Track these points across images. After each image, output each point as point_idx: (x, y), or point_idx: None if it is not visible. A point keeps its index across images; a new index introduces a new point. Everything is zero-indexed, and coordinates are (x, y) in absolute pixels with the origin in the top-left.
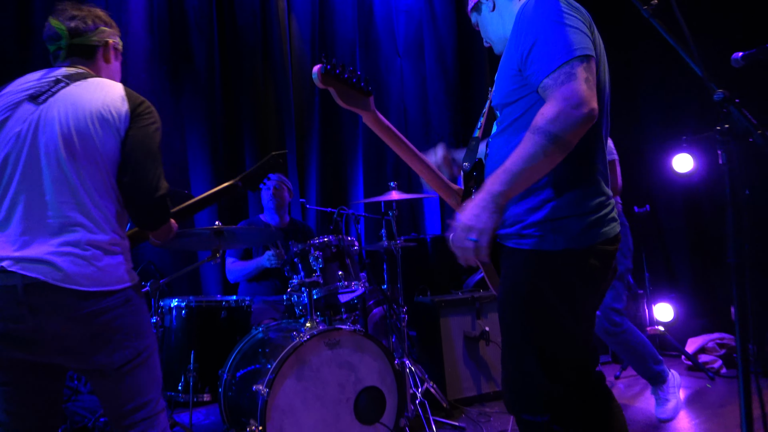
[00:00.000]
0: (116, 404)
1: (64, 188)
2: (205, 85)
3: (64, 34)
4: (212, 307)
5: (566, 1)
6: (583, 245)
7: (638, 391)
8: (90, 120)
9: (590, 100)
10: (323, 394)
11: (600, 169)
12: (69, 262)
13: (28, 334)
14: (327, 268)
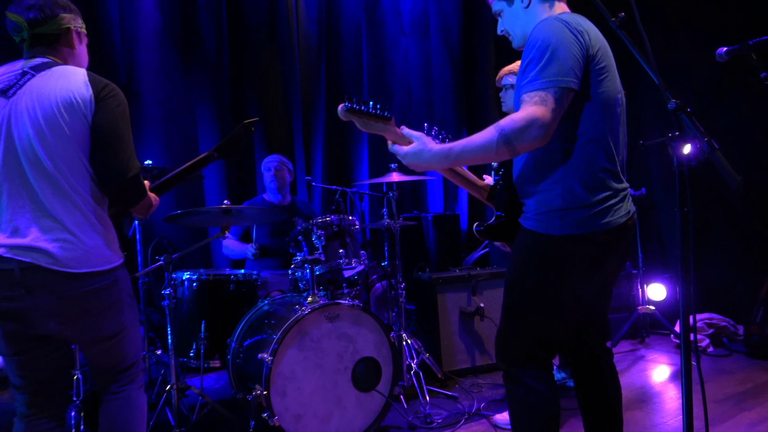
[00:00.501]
0: (105, 367)
1: (42, 178)
2: (213, 63)
3: (24, 25)
4: (222, 280)
5: (569, 25)
6: (584, 231)
7: (626, 366)
8: (56, 109)
9: (547, 127)
10: (323, 363)
11: (606, 167)
12: (58, 248)
13: (26, 312)
14: (329, 246)
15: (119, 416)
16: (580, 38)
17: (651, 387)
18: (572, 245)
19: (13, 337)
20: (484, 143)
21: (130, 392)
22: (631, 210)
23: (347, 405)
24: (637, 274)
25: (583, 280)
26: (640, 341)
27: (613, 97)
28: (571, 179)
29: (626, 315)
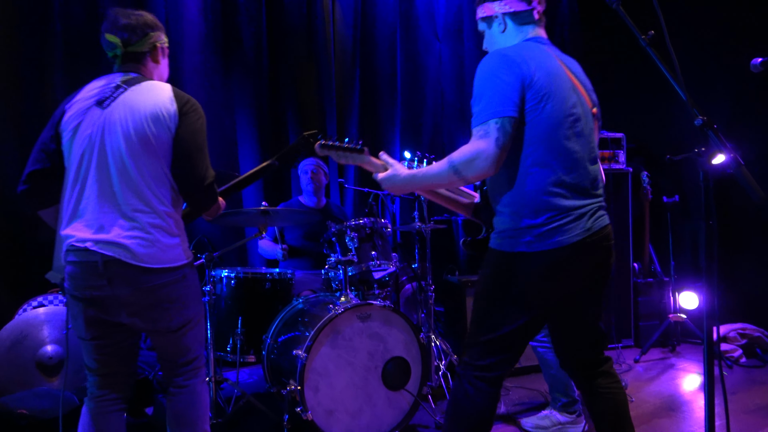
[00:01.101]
0: (171, 358)
1: (128, 181)
2: (253, 66)
3: (118, 44)
4: (258, 278)
5: (507, 57)
6: (534, 250)
7: (655, 374)
8: (145, 121)
9: (493, 157)
10: (354, 361)
11: (553, 190)
12: (136, 245)
13: (106, 300)
14: (361, 247)
15: (185, 408)
16: (517, 69)
17: (680, 396)
18: (522, 261)
19: (93, 323)
20: (438, 173)
21: (194, 386)
22: (592, 227)
23: (377, 402)
24: (668, 281)
25: (536, 296)
26: (671, 350)
27: (559, 122)
28: (518, 202)
29: (657, 323)
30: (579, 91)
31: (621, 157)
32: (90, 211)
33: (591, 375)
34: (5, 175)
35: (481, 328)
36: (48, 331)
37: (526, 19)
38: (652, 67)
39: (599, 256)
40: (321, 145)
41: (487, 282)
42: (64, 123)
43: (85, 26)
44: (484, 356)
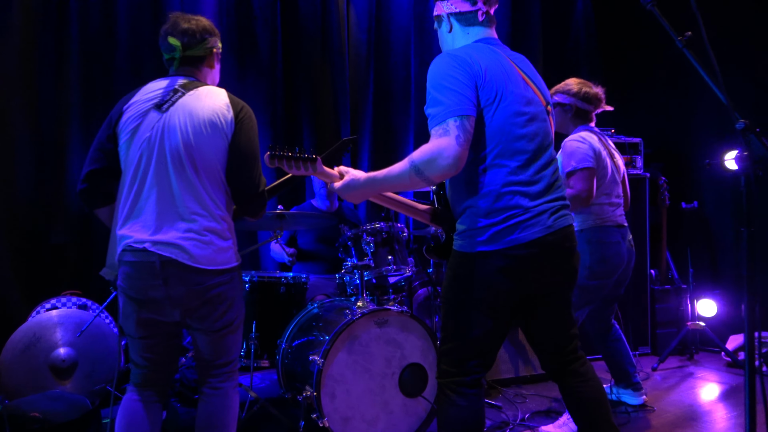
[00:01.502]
0: (208, 358)
1: (186, 185)
2: (267, 70)
3: (178, 48)
4: (272, 283)
5: (457, 57)
6: (492, 248)
7: (674, 383)
8: (203, 126)
9: (455, 155)
10: (371, 367)
11: (511, 189)
12: (192, 246)
13: (161, 301)
14: (377, 252)
15: (216, 411)
16: (468, 68)
17: (700, 406)
18: (482, 260)
19: (145, 323)
20: (399, 173)
21: (227, 390)
22: (553, 226)
23: (393, 409)
24: (686, 288)
25: (497, 296)
26: (689, 358)
27: (513, 120)
28: (476, 201)
29: (674, 330)
30: (531, 90)
31: (638, 163)
32: (148, 212)
33: (560, 374)
34: (19, 179)
35: (449, 334)
36: (61, 334)
37: (471, 20)
38: (669, 71)
39: (561, 256)
40: (270, 155)
41: (451, 286)
42: (122, 124)
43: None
44: (458, 363)
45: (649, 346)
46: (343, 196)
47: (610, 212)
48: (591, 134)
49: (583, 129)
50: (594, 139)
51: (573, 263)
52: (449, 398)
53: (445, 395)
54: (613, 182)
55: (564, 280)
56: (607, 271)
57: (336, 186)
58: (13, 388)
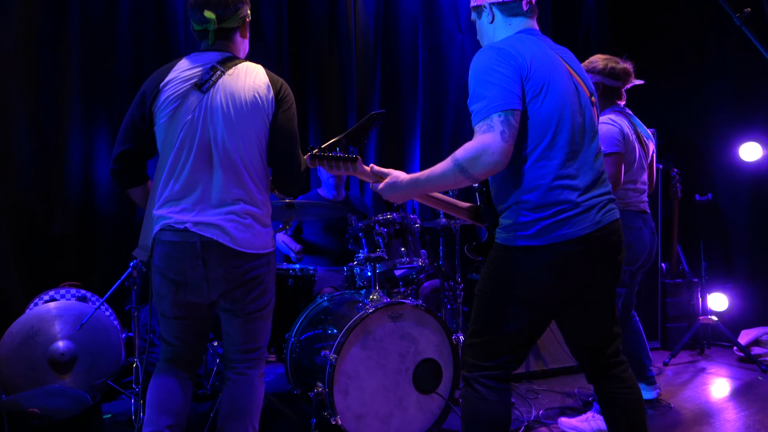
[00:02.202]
0: (237, 342)
1: (228, 168)
2: (274, 56)
3: (213, 21)
4: (280, 275)
5: (502, 50)
6: (539, 243)
7: (687, 378)
8: (246, 107)
9: (500, 151)
10: (385, 363)
11: (559, 184)
12: (234, 228)
13: (199, 281)
14: (390, 243)
15: (241, 397)
16: (513, 61)
17: (713, 402)
18: (527, 255)
19: (180, 304)
20: (442, 173)
21: (253, 377)
22: (602, 221)
23: (408, 406)
24: (698, 282)
25: (539, 292)
26: (700, 352)
27: (560, 113)
28: (524, 197)
29: (686, 325)
30: (576, 81)
31: None
32: (190, 194)
33: (600, 378)
34: (19, 168)
35: (484, 327)
36: (60, 327)
37: (514, 10)
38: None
39: (608, 252)
40: (311, 155)
41: (490, 279)
42: (161, 104)
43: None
44: (490, 357)
45: (659, 340)
46: (385, 196)
47: (635, 198)
48: (621, 117)
49: (613, 111)
50: (624, 123)
51: (619, 258)
52: (478, 392)
53: (473, 389)
54: (640, 168)
55: (610, 276)
56: (631, 256)
57: (379, 187)
58: (11, 382)
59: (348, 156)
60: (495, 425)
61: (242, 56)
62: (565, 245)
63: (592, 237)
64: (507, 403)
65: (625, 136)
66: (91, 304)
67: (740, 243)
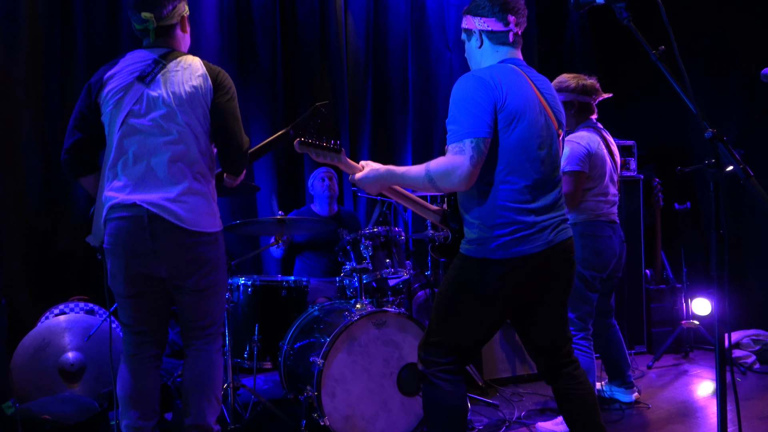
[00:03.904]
0: (192, 319)
1: (172, 153)
2: (268, 78)
3: (151, 20)
4: (274, 286)
5: (483, 80)
6: (496, 257)
7: (669, 380)
8: (186, 95)
9: (467, 174)
10: (370, 367)
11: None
12: (178, 208)
13: (148, 254)
14: (376, 255)
15: (201, 373)
16: (491, 92)
17: (693, 402)
18: (486, 266)
19: (133, 279)
20: (415, 176)
21: (211, 352)
22: (554, 240)
23: (392, 407)
24: (681, 288)
25: (496, 299)
26: (684, 356)
27: (526, 143)
28: (485, 215)
29: (669, 329)
30: (547, 114)
31: (632, 165)
32: (136, 177)
33: (554, 377)
34: (28, 187)
35: (442, 328)
36: (69, 339)
37: (501, 39)
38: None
39: (559, 267)
40: (300, 142)
41: (452, 284)
42: (106, 95)
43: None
44: (446, 354)
45: (644, 344)
46: (362, 185)
47: (606, 209)
48: (592, 133)
49: (586, 127)
50: (594, 139)
51: (569, 273)
52: (436, 386)
53: (431, 384)
54: (610, 181)
55: (561, 288)
56: (601, 263)
57: (357, 177)
58: (24, 391)
59: (332, 146)
60: (453, 413)
61: (184, 49)
62: (519, 260)
63: (545, 254)
64: (463, 392)
65: (591, 154)
66: (98, 316)
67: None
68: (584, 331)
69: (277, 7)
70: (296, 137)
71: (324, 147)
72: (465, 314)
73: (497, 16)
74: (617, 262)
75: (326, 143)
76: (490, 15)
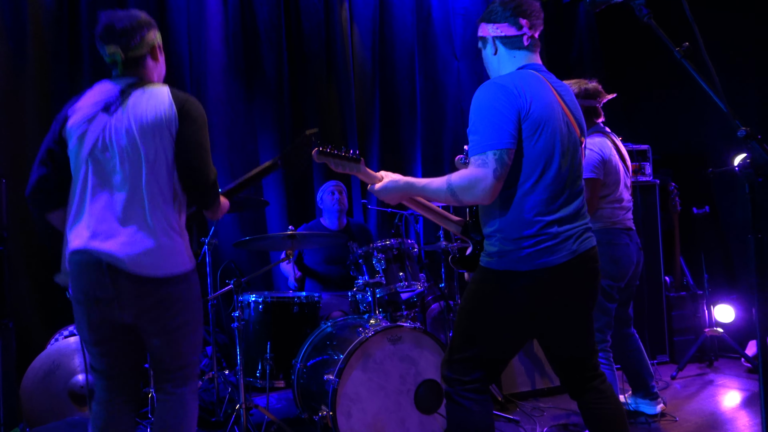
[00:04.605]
0: (162, 361)
1: (134, 189)
2: (274, 91)
3: (118, 54)
4: (286, 303)
5: (505, 88)
6: (521, 269)
7: (694, 391)
8: (149, 127)
9: (490, 187)
10: (386, 385)
11: (540, 219)
12: (139, 251)
13: (109, 300)
14: (389, 269)
15: (172, 417)
16: (514, 100)
17: (722, 413)
18: (509, 279)
19: (97, 326)
20: (436, 188)
21: (184, 395)
22: (578, 250)
23: (410, 427)
24: (702, 294)
25: (520, 311)
26: (708, 365)
27: (550, 153)
28: (507, 227)
29: (692, 338)
30: (570, 123)
31: (647, 169)
32: (96, 216)
33: (580, 391)
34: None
35: (466, 343)
36: (79, 361)
37: (516, 44)
38: (675, 77)
39: (584, 278)
40: (319, 151)
41: (474, 298)
42: (69, 129)
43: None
44: (470, 371)
45: (667, 354)
46: (381, 196)
47: (621, 216)
48: (603, 139)
49: (596, 133)
50: (606, 145)
51: (594, 283)
52: (462, 405)
53: (456, 403)
54: (623, 187)
55: (585, 298)
56: (618, 271)
57: (376, 187)
58: (34, 413)
59: (351, 156)
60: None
61: (157, 78)
62: (544, 272)
63: (569, 264)
64: (489, 411)
65: (605, 161)
66: None
67: (742, 253)
68: (603, 342)
69: (282, 20)
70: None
71: (343, 157)
72: (489, 329)
73: (509, 21)
74: (635, 270)
75: (345, 153)
76: (503, 20)
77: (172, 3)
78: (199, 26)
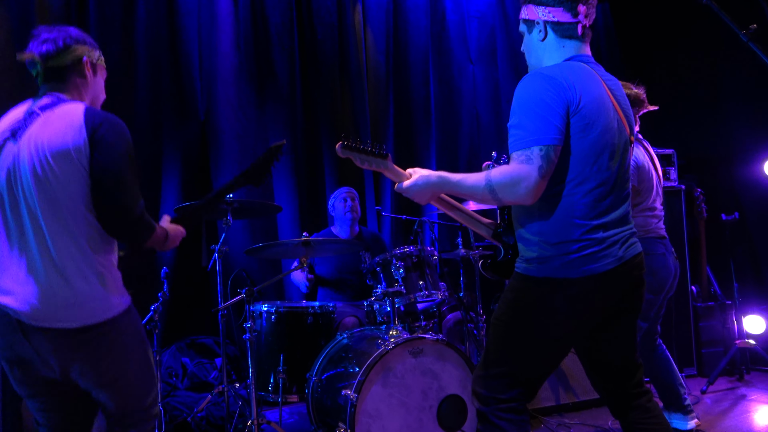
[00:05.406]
0: (108, 412)
1: (42, 230)
2: (286, 96)
3: (36, 60)
4: (299, 313)
5: (554, 80)
6: (562, 276)
7: (727, 406)
8: (53, 158)
9: (534, 186)
10: (407, 401)
11: (585, 222)
12: (55, 304)
13: (29, 357)
14: (408, 277)
15: None
16: (563, 93)
17: (759, 431)
18: (550, 287)
19: (24, 381)
20: (473, 185)
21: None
22: (624, 256)
23: None
24: (731, 305)
25: (562, 322)
26: (739, 378)
27: (599, 151)
28: (548, 231)
29: (721, 350)
30: (620, 119)
31: (672, 174)
32: (8, 266)
33: (624, 409)
34: None
35: (501, 358)
36: None
37: (568, 31)
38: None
39: (630, 286)
40: (343, 145)
41: (511, 308)
42: None
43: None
44: (507, 389)
45: (694, 367)
46: (410, 195)
47: (654, 224)
48: (637, 146)
49: None
50: (640, 152)
51: (641, 291)
52: (498, 427)
53: (492, 424)
54: (656, 194)
55: (631, 308)
56: (658, 283)
57: (405, 185)
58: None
59: (378, 152)
60: None
61: (88, 98)
62: (589, 280)
63: (616, 272)
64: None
65: (639, 167)
66: None
67: None
68: None
69: (294, 23)
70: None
71: (369, 152)
72: (530, 342)
73: (565, 6)
74: (673, 280)
75: (372, 148)
76: (557, 4)
77: (182, 6)
78: (210, 30)
